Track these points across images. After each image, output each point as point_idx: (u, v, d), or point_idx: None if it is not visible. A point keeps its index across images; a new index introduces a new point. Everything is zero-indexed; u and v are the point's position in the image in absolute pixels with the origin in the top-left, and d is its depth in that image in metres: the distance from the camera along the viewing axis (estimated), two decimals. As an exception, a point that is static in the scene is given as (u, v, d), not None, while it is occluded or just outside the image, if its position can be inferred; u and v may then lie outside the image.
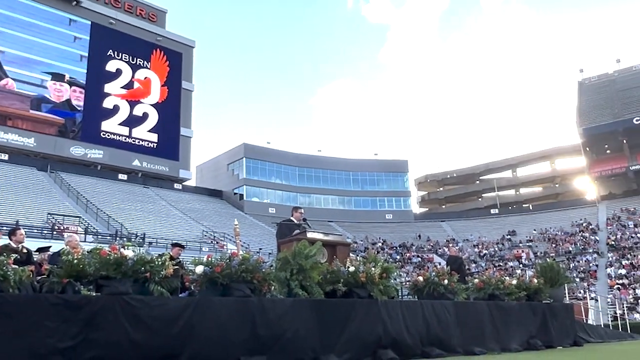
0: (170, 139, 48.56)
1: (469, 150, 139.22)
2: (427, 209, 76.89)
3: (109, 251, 4.86)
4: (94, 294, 4.99)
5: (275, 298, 5.94)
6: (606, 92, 59.10)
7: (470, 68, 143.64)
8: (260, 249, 33.24)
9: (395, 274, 7.91)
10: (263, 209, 52.97)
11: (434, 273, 8.22)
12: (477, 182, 75.71)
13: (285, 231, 7.98)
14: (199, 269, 5.36)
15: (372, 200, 60.80)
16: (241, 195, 54.51)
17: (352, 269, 6.76)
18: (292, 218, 8.37)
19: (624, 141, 52.94)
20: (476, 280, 9.35)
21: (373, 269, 6.92)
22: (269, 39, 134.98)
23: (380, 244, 49.68)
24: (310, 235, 7.45)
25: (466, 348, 7.83)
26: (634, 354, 7.61)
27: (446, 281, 8.08)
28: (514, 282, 10.07)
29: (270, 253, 26.04)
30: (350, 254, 7.99)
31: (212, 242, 35.81)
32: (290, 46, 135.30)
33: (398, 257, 46.37)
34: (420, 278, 8.10)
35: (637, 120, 49.70)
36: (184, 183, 50.72)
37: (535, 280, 10.74)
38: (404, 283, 14.85)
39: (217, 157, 60.56)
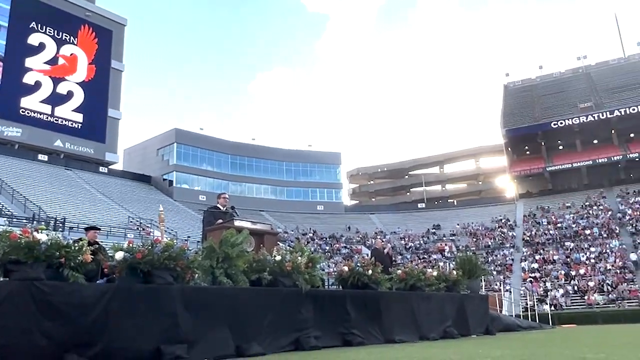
0: (97, 120, 46.41)
1: (400, 146, 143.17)
2: (357, 202, 78.34)
3: (20, 234, 4.60)
4: (1, 279, 4.71)
5: (198, 286, 5.86)
6: (528, 96, 62.46)
7: (404, 64, 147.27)
8: (189, 237, 32.59)
9: (322, 264, 8.02)
10: (193, 196, 51.91)
11: (358, 263, 8.40)
12: (406, 177, 77.95)
13: (211, 219, 7.87)
14: (119, 255, 5.18)
15: (304, 191, 61.10)
16: (171, 182, 53.13)
17: (278, 258, 6.79)
18: (217, 205, 8.26)
19: (542, 143, 56.28)
20: (399, 272, 9.65)
21: (299, 258, 6.98)
22: (206, 20, 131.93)
23: (310, 235, 50.10)
24: (237, 223, 7.40)
25: (387, 336, 8.08)
26: (539, 341, 8.16)
27: (370, 272, 8.28)
28: (435, 273, 10.49)
29: (198, 241, 25.62)
30: (280, 244, 8.02)
31: (137, 228, 34.68)
32: (228, 30, 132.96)
33: (327, 247, 46.98)
34: (345, 268, 8.27)
35: (554, 125, 52.91)
36: (109, 167, 48.73)
37: (455, 272, 11.24)
38: (331, 273, 15.08)
39: (147, 141, 58.52)
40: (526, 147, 57.97)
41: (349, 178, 78.21)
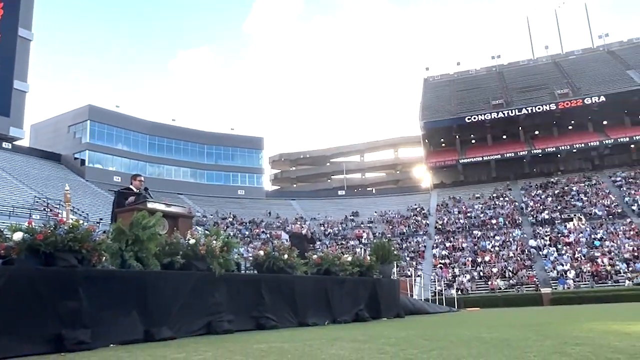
0: (1, 92, 42.89)
1: (323, 133, 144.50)
2: (279, 187, 78.45)
3: None
4: None
5: (104, 269, 5.64)
6: (446, 91, 65.17)
7: (330, 52, 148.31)
8: (101, 219, 31.16)
9: (240, 248, 7.99)
10: (107, 176, 49.61)
11: (274, 248, 8.46)
12: (328, 164, 79.05)
13: (123, 200, 7.59)
14: (17, 236, 4.87)
15: (225, 175, 60.25)
16: (83, 161, 50.41)
17: (192, 241, 6.68)
18: (131, 186, 7.97)
19: (457, 137, 59.09)
20: (315, 256, 9.80)
21: (214, 242, 6.91)
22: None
23: (230, 219, 49.60)
24: (150, 205, 7.18)
25: (300, 320, 8.22)
26: (443, 323, 8.65)
27: (286, 256, 8.36)
28: (349, 259, 10.76)
29: (111, 224, 24.60)
30: (198, 228, 7.88)
31: (44, 209, 32.68)
32: (149, 3, 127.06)
33: (247, 232, 46.75)
34: (261, 252, 8.29)
35: (468, 119, 55.63)
36: (14, 142, 45.34)
37: (369, 258, 11.60)
38: (249, 258, 15.05)
39: (57, 117, 54.93)
40: (442, 140, 60.59)
41: (271, 163, 78.09)
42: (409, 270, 32.65)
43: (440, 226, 45.96)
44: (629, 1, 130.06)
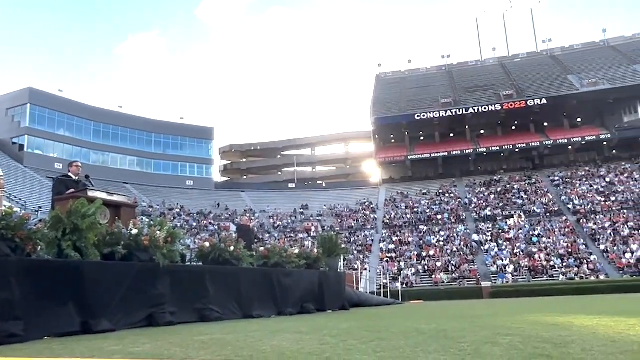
0: None
1: (274, 126, 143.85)
2: (228, 179, 77.58)
3: None
4: None
5: (40, 259, 5.42)
6: (397, 87, 66.18)
7: (284, 44, 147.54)
8: (40, 207, 29.97)
9: (187, 240, 7.87)
10: (48, 163, 47.53)
11: (221, 239, 8.38)
12: (279, 156, 78.82)
13: (62, 188, 7.30)
14: (-57, 223, 4.61)
15: (173, 164, 59.04)
16: (21, 146, 48.15)
17: (134, 231, 6.52)
18: (69, 174, 7.68)
19: (406, 133, 60.20)
20: (262, 249, 9.79)
21: (158, 232, 6.77)
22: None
23: (177, 210, 48.70)
24: (91, 193, 6.95)
25: (245, 312, 8.19)
26: (386, 315, 8.83)
27: (232, 248, 8.30)
28: (297, 251, 10.82)
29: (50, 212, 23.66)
30: (144, 218, 7.69)
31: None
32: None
33: (195, 224, 46.05)
34: (207, 244, 8.20)
35: (417, 117, 56.74)
36: (-56, 124, 42.77)
37: (316, 250, 11.69)
38: (194, 249, 14.84)
39: (-6, 99, 52.15)
40: (392, 136, 61.58)
41: (221, 154, 77.08)
42: (356, 264, 33.13)
43: (387, 221, 46.80)
44: (571, 8, 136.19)
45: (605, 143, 53.50)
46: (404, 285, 32.63)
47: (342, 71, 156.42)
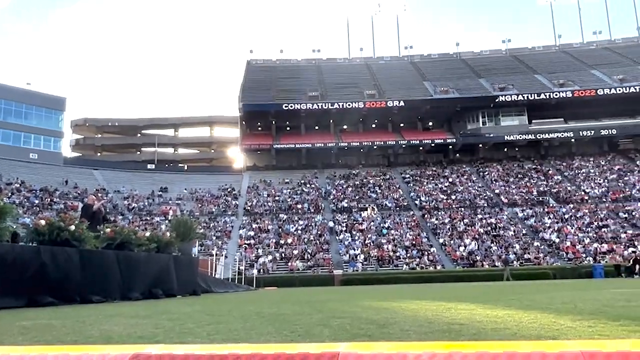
0: None
1: (137, 103, 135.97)
2: (80, 154, 71.79)
3: None
4: None
5: None
6: (267, 76, 66.24)
7: (153, 19, 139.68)
8: None
9: (15, 215, 7.15)
10: None
11: (58, 218, 7.75)
12: (139, 135, 74.81)
13: None
14: None
15: (15, 134, 52.98)
16: None
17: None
18: None
19: (273, 122, 60.62)
20: (108, 230, 9.25)
21: (-17, 207, 6.07)
22: None
23: (17, 185, 43.94)
24: None
25: (84, 296, 7.69)
26: (235, 300, 8.88)
27: (73, 227, 7.72)
28: (147, 234, 10.40)
29: None
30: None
31: None
32: None
33: (37, 201, 41.97)
34: (42, 222, 7.52)
35: (285, 107, 57.42)
36: None
37: (168, 234, 11.34)
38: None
39: None
40: (259, 124, 61.60)
41: (74, 128, 71.06)
42: (213, 250, 32.76)
43: (249, 208, 46.86)
44: (433, 19, 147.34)
45: (450, 147, 58.84)
46: (261, 272, 33.01)
47: (212, 54, 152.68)
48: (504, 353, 2.06)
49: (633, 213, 42.20)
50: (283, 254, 38.00)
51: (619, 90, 54.44)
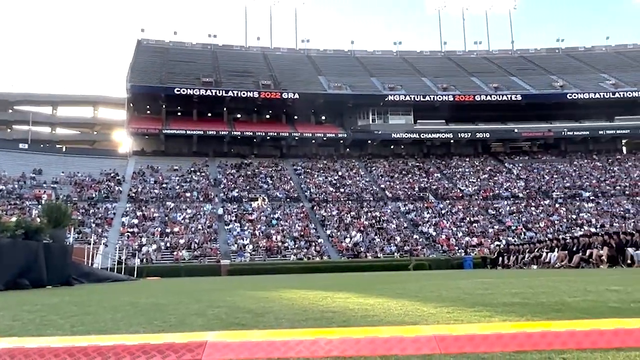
0: None
1: (9, 75, 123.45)
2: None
3: None
4: None
5: None
6: (159, 57, 63.50)
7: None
8: None
9: None
10: None
11: None
12: (10, 111, 68.11)
13: None
14: None
15: None
16: None
17: None
18: None
19: (163, 106, 58.19)
20: (-35, 214, 8.37)
21: None
22: None
23: None
24: None
25: None
26: (108, 291, 8.48)
27: None
28: (14, 219, 9.57)
29: None
30: None
31: None
32: None
33: None
34: None
35: (177, 91, 55.40)
36: None
37: (39, 220, 10.52)
38: None
39: None
40: (148, 107, 58.89)
41: None
42: (93, 237, 30.86)
43: (133, 194, 44.70)
44: (329, 14, 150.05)
45: (341, 141, 60.49)
46: (143, 262, 31.70)
47: (99, 29, 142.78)
48: (365, 338, 2.20)
49: (500, 210, 46.47)
50: (169, 244, 36.81)
51: (494, 97, 59.51)
